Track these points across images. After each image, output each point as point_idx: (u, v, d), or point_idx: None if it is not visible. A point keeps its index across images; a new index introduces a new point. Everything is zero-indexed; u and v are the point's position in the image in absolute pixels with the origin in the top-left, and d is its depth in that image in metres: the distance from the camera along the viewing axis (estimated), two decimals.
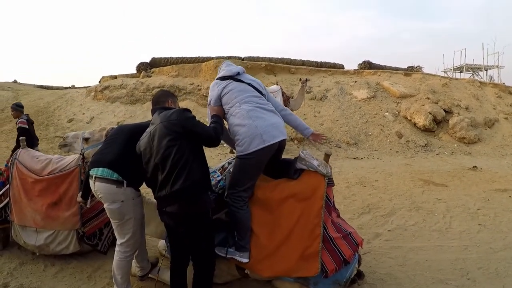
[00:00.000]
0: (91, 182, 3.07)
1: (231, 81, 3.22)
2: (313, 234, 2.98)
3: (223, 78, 3.27)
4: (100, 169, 3.01)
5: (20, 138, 4.46)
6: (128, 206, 3.05)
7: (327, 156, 3.28)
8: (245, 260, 3.03)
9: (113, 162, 3.02)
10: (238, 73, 3.32)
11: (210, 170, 3.37)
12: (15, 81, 23.87)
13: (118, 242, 3.17)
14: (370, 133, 13.63)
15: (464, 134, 13.79)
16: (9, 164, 4.16)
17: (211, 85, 3.33)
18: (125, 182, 3.00)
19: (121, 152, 3.07)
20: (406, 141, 13.22)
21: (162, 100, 3.12)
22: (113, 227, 3.17)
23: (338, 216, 3.46)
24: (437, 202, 6.57)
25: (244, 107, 3.04)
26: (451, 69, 30.01)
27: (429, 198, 6.87)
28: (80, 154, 3.80)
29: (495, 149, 13.49)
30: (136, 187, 3.13)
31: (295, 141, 12.03)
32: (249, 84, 3.25)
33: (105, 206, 3.07)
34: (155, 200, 3.13)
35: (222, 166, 3.56)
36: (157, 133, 2.76)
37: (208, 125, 2.99)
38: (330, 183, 3.13)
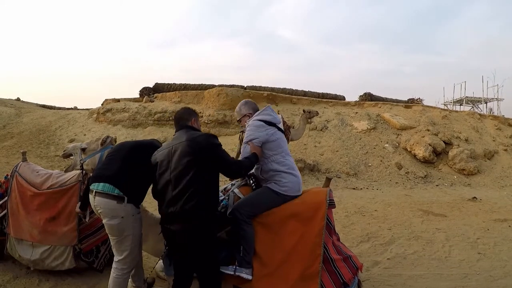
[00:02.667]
0: (91, 197, 3.05)
1: (276, 129, 3.38)
2: (313, 254, 2.98)
3: (268, 123, 3.37)
4: (101, 184, 3.00)
5: (21, 151, 4.48)
6: (127, 223, 3.03)
7: (328, 180, 3.41)
8: (250, 277, 3.01)
9: (114, 178, 3.02)
10: (280, 123, 3.53)
11: None
12: (18, 99, 23.87)
13: (115, 259, 3.13)
14: (370, 164, 13.61)
15: (463, 165, 13.77)
16: (9, 177, 4.15)
17: (254, 123, 3.36)
18: (125, 198, 2.98)
19: (122, 168, 3.07)
20: (406, 172, 13.20)
21: (186, 117, 3.11)
22: (111, 243, 3.14)
23: (338, 239, 3.47)
24: (437, 232, 6.52)
25: (289, 159, 3.35)
26: (451, 102, 30.29)
27: (429, 227, 6.82)
28: (80, 165, 3.80)
29: (494, 181, 13.43)
30: (137, 203, 3.12)
31: None
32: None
33: (104, 221, 3.04)
34: (156, 216, 3.10)
35: (225, 188, 3.57)
36: (179, 149, 2.76)
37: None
38: (332, 204, 3.16)
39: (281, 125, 3.50)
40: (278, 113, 10.50)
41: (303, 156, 13.25)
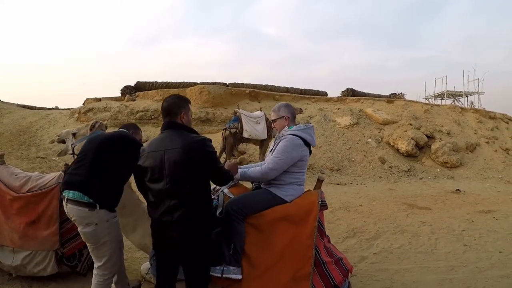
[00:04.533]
0: (64, 204, 2.95)
1: (308, 151, 3.35)
2: (305, 256, 2.95)
3: (306, 143, 3.31)
4: (71, 191, 2.88)
5: None
6: (102, 229, 2.91)
7: (319, 182, 3.39)
8: (239, 276, 2.96)
9: (83, 184, 2.89)
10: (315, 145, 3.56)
11: None
12: None
13: (95, 266, 3.03)
14: (353, 159, 13.67)
15: (446, 158, 13.97)
16: None
17: (294, 141, 3.23)
18: (97, 205, 2.87)
19: (91, 173, 2.93)
20: (389, 167, 13.31)
21: (175, 111, 2.75)
22: (89, 250, 3.03)
23: (329, 241, 3.46)
24: (422, 225, 6.56)
25: (304, 178, 3.39)
26: (432, 96, 30.62)
27: (414, 221, 6.87)
28: (71, 149, 3.85)
29: (477, 173, 13.68)
30: (111, 208, 3.00)
31: None
32: None
33: (79, 229, 2.94)
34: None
35: (214, 188, 3.49)
36: (174, 158, 2.53)
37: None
38: (323, 206, 3.14)
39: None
40: (261, 110, 10.47)
41: None
